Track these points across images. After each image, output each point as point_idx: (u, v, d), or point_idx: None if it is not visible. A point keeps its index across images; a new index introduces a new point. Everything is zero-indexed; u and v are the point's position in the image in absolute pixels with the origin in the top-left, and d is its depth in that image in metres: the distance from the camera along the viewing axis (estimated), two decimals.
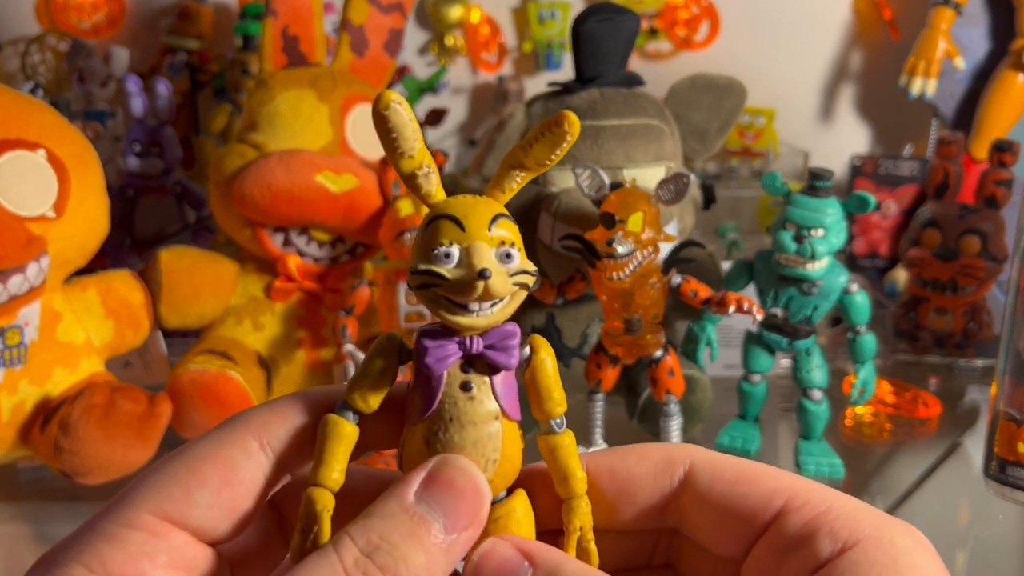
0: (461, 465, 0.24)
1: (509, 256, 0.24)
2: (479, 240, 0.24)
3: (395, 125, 0.23)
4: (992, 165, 0.81)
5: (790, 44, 1.13)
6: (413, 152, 0.24)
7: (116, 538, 0.23)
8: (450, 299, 0.24)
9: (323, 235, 0.69)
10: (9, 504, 0.64)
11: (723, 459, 0.26)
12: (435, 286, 0.24)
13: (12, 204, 0.57)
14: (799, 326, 0.64)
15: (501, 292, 0.24)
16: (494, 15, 1.16)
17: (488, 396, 0.25)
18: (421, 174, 0.25)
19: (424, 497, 0.24)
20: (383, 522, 0.23)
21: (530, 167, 0.25)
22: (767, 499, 0.25)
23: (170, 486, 0.24)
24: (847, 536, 0.23)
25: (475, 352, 0.24)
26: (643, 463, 0.27)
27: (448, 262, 0.24)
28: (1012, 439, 0.56)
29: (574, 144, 0.25)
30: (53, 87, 1.07)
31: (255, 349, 0.70)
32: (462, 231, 0.24)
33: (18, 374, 0.59)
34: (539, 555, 0.25)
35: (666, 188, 0.58)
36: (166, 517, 0.24)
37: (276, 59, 0.73)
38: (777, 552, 0.24)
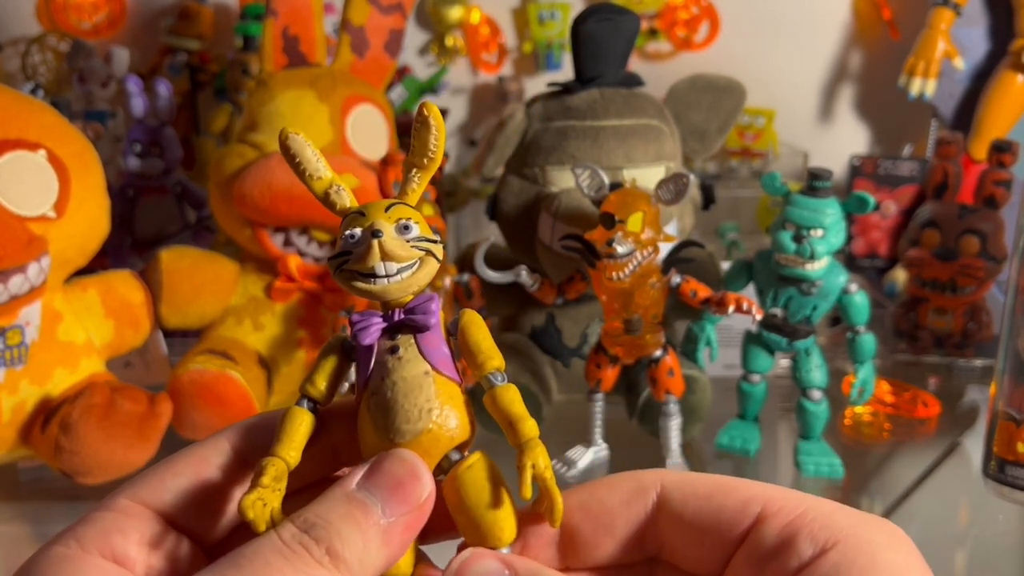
0: (401, 455, 0.26)
1: (407, 227, 0.27)
2: (377, 218, 0.26)
3: (296, 151, 0.27)
4: (991, 165, 0.81)
5: (790, 44, 1.13)
6: (320, 174, 0.28)
7: (92, 519, 0.25)
8: (358, 271, 0.26)
9: (323, 235, 0.69)
10: (9, 504, 0.64)
11: (694, 476, 0.27)
12: (345, 263, 0.26)
13: (13, 204, 0.57)
14: (798, 326, 0.64)
15: (400, 253, 0.26)
16: (494, 15, 1.16)
17: (415, 354, 0.27)
18: (332, 191, 0.28)
19: (365, 484, 0.25)
20: (323, 505, 0.24)
21: (418, 164, 0.28)
22: (742, 508, 0.25)
23: (149, 476, 0.26)
24: (826, 538, 0.23)
25: (397, 320, 0.27)
26: (613, 493, 0.27)
27: (352, 241, 0.27)
28: (1011, 439, 0.56)
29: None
30: (53, 87, 1.07)
31: (255, 349, 0.70)
32: (363, 217, 0.27)
33: (19, 374, 0.59)
34: (519, 565, 0.25)
35: (666, 188, 0.58)
36: (140, 501, 0.26)
37: (276, 59, 0.73)
38: (757, 560, 0.24)
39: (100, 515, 0.25)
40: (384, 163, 0.68)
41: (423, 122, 0.27)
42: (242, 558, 0.23)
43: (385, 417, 0.26)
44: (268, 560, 0.23)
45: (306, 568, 0.23)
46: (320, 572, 0.23)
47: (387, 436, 0.26)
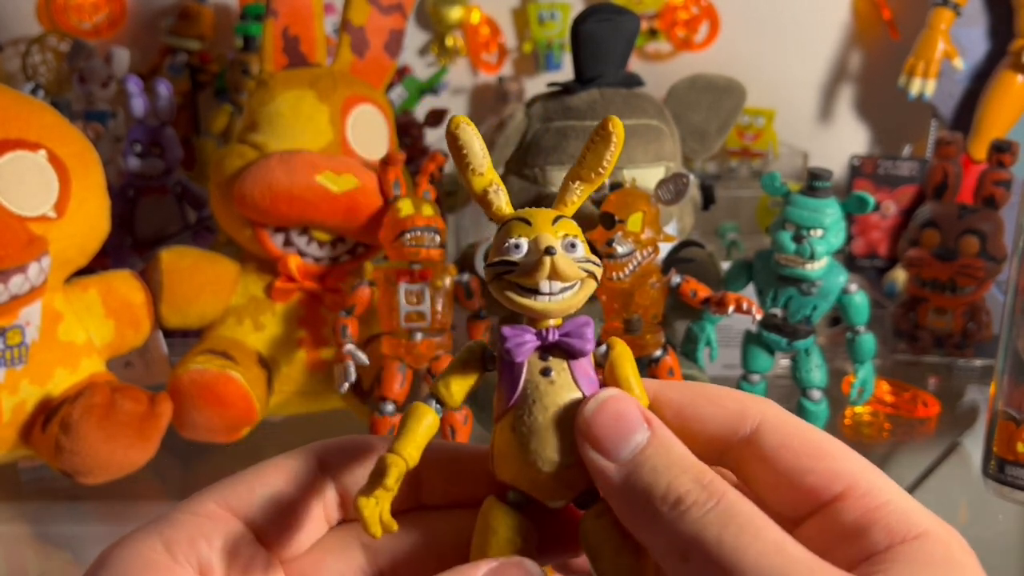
0: (526, 567, 0.24)
1: (574, 246, 0.26)
2: (544, 231, 0.26)
3: (464, 143, 0.26)
4: (991, 165, 0.81)
5: (790, 44, 1.13)
6: (483, 170, 0.27)
7: (178, 522, 0.25)
8: (521, 284, 0.25)
9: (323, 235, 0.69)
10: (10, 504, 0.64)
11: (794, 425, 0.26)
12: (507, 273, 0.25)
13: (13, 204, 0.57)
14: (798, 326, 0.64)
15: (568, 272, 0.25)
16: (494, 16, 1.16)
17: (568, 381, 0.26)
18: (491, 191, 0.27)
19: None
20: None
21: (585, 177, 0.27)
22: (829, 480, 0.24)
23: (237, 482, 0.26)
24: (904, 531, 0.23)
25: (551, 341, 0.26)
26: (712, 408, 0.26)
27: (518, 252, 0.26)
28: (1011, 439, 0.56)
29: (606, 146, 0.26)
30: (54, 87, 1.07)
31: (255, 349, 0.70)
32: (529, 226, 0.26)
33: (19, 374, 0.59)
34: (657, 424, 0.25)
35: (666, 188, 0.58)
36: (228, 507, 0.26)
37: (276, 59, 0.73)
38: (829, 535, 0.24)
39: (188, 518, 0.25)
40: (384, 163, 0.68)
41: (605, 137, 0.26)
42: None
43: (537, 443, 0.25)
44: None
45: None
46: None
47: (535, 463, 0.25)
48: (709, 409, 0.26)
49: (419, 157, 1.00)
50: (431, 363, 0.64)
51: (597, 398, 0.25)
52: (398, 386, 0.64)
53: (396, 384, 0.64)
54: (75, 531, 0.61)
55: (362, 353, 0.63)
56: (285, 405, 0.72)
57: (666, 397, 0.26)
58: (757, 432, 0.26)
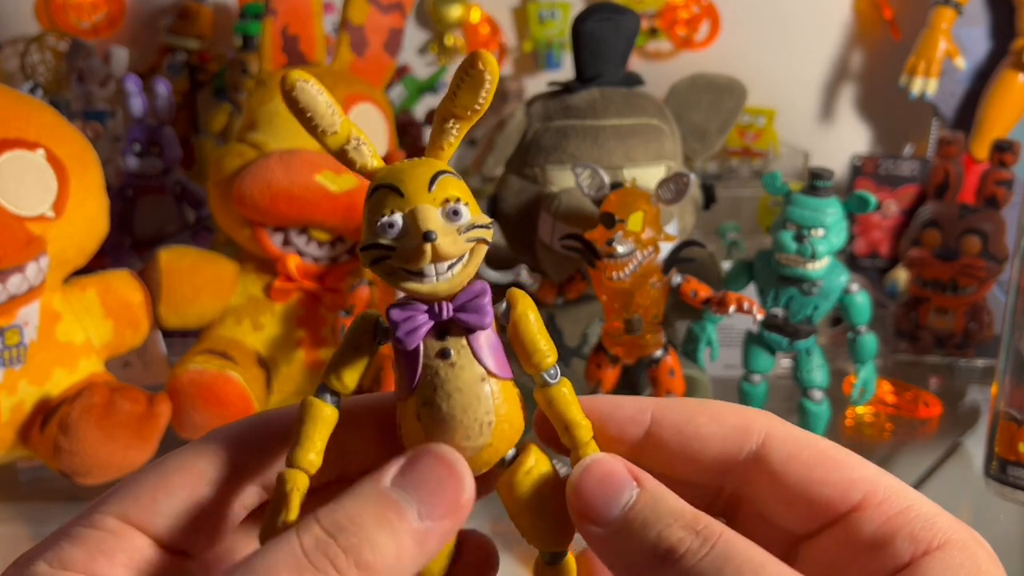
0: (441, 451, 0.23)
1: (456, 213, 0.23)
2: (420, 203, 0.23)
3: (306, 104, 0.23)
4: (992, 165, 0.81)
5: (790, 44, 1.12)
6: (335, 127, 0.23)
7: (77, 537, 0.23)
8: (404, 268, 0.23)
9: (323, 235, 0.69)
10: (9, 504, 0.64)
11: (802, 437, 0.25)
12: (386, 258, 0.23)
13: (11, 204, 0.57)
14: (799, 326, 0.64)
15: (452, 252, 0.23)
16: (494, 15, 1.16)
17: (469, 359, 0.24)
18: (351, 148, 0.24)
19: (400, 483, 0.23)
20: (353, 503, 0.22)
21: (460, 115, 0.24)
22: (845, 490, 0.24)
23: (137, 492, 0.24)
24: (929, 540, 0.22)
25: (446, 318, 0.24)
26: (714, 426, 0.25)
27: (392, 231, 0.23)
28: (1012, 439, 0.56)
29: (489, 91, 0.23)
30: (53, 87, 1.07)
31: (255, 349, 0.70)
32: (401, 197, 0.23)
33: (17, 374, 0.59)
34: (646, 479, 0.24)
35: (666, 188, 0.58)
36: (128, 520, 0.24)
37: (276, 59, 0.73)
38: (849, 547, 0.23)
39: (86, 533, 0.24)
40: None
41: (476, 72, 0.22)
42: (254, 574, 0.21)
43: (442, 432, 0.24)
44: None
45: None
46: None
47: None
48: (711, 427, 0.25)
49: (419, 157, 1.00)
50: None
51: (582, 464, 0.24)
52: None
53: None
54: None
55: None
56: (284, 405, 0.72)
57: (665, 417, 0.26)
58: (763, 447, 0.25)
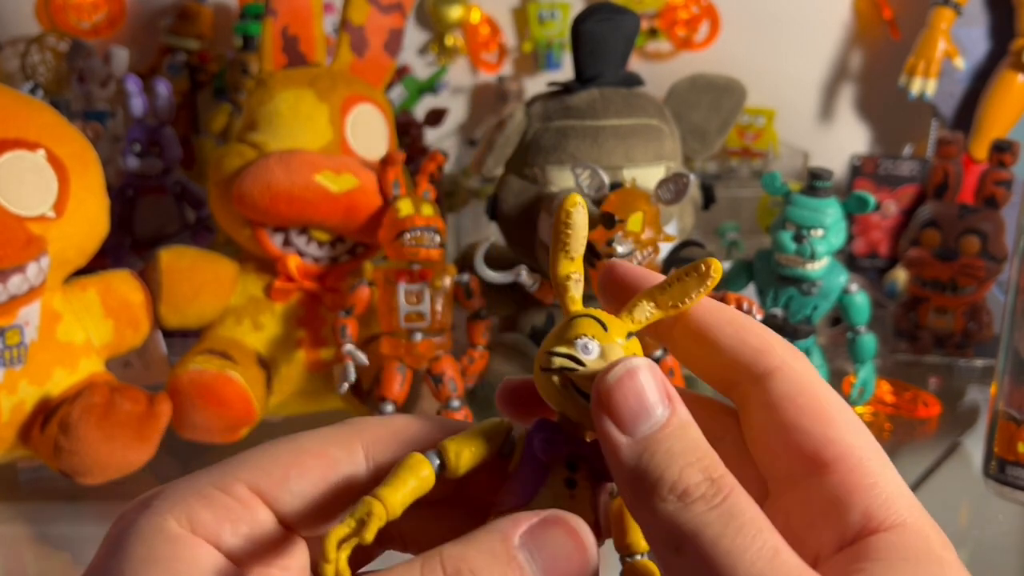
0: (575, 523, 0.23)
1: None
2: (616, 343, 0.24)
3: (574, 225, 0.26)
4: (992, 165, 0.81)
5: (790, 44, 1.12)
6: (575, 255, 0.26)
7: (208, 498, 0.24)
8: (579, 388, 0.24)
9: (323, 235, 0.69)
10: (9, 504, 0.64)
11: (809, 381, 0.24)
12: (571, 370, 0.24)
13: (12, 204, 0.57)
14: (799, 326, 0.64)
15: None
16: (494, 15, 1.16)
17: (586, 504, 0.24)
18: (573, 280, 0.26)
19: (528, 543, 0.22)
20: (479, 555, 0.22)
21: (662, 305, 0.25)
22: (819, 445, 0.23)
23: (271, 465, 0.24)
24: (882, 519, 0.22)
25: (586, 452, 0.24)
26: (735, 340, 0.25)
27: (587, 353, 0.24)
28: (1012, 439, 0.56)
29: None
30: (53, 87, 1.07)
31: (255, 349, 0.70)
32: (604, 330, 0.25)
33: (18, 374, 0.59)
34: (679, 405, 0.23)
35: (666, 188, 0.58)
36: (259, 492, 0.24)
37: (276, 59, 0.73)
38: (807, 509, 0.23)
39: (216, 496, 0.24)
40: (384, 163, 0.68)
41: (702, 277, 0.25)
42: None
43: None
44: None
45: None
46: None
47: None
48: (731, 340, 0.25)
49: (419, 157, 1.00)
50: (430, 363, 0.64)
51: (623, 364, 0.23)
52: (398, 386, 0.64)
53: (396, 384, 0.64)
54: (74, 531, 0.61)
55: (361, 353, 0.63)
56: (284, 405, 0.72)
57: (697, 311, 0.25)
58: (770, 377, 0.25)
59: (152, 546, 0.22)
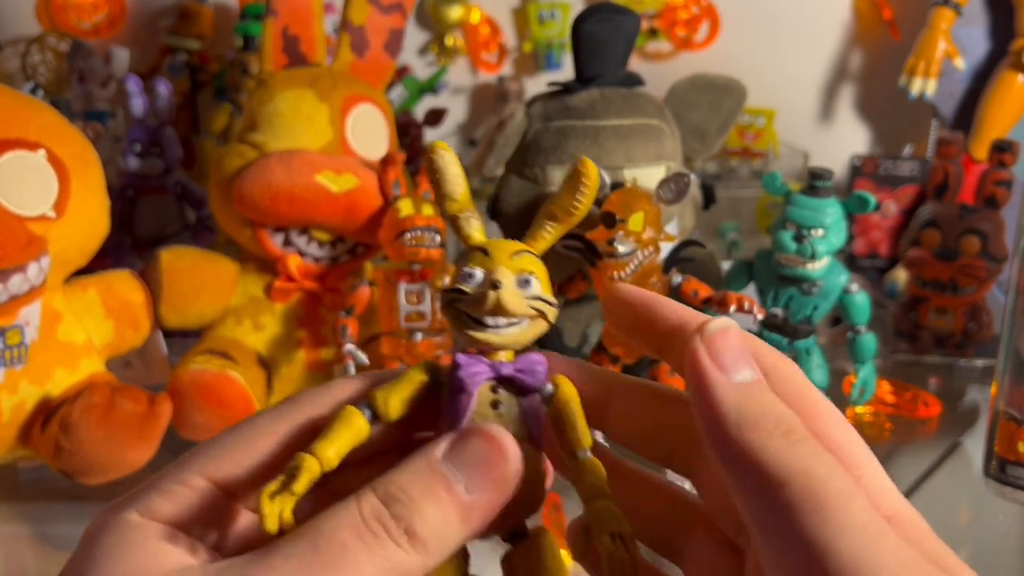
0: (491, 431, 0.25)
1: (527, 282, 0.26)
2: (500, 264, 0.26)
3: (439, 167, 0.27)
4: (992, 165, 0.81)
5: (790, 44, 1.13)
6: (456, 195, 0.27)
7: (167, 492, 0.25)
8: (469, 314, 0.26)
9: (323, 235, 0.69)
10: (9, 504, 0.64)
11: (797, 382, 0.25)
12: (457, 301, 0.26)
13: (12, 204, 0.57)
14: (799, 326, 0.64)
15: (513, 307, 0.25)
16: (494, 15, 1.16)
17: (515, 417, 0.26)
18: (463, 217, 0.27)
19: (450, 456, 0.24)
20: (404, 475, 0.24)
21: (559, 216, 0.27)
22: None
23: (224, 453, 0.26)
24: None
25: (504, 374, 0.26)
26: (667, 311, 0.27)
27: (471, 281, 0.26)
28: (1012, 439, 0.56)
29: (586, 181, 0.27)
30: (53, 87, 1.07)
31: (255, 349, 0.70)
32: (487, 257, 0.26)
33: (18, 374, 0.59)
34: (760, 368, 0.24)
35: (666, 188, 0.58)
36: (214, 480, 0.25)
37: (276, 59, 0.73)
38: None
39: (174, 488, 0.25)
40: (384, 163, 0.68)
41: (576, 176, 0.27)
42: (320, 538, 0.22)
43: None
44: (346, 543, 0.22)
45: (383, 551, 0.22)
46: (397, 554, 0.22)
47: None
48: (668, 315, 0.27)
49: (419, 157, 1.00)
50: None
51: (721, 321, 0.24)
52: None
53: None
54: (75, 531, 0.60)
55: (362, 353, 0.63)
56: None
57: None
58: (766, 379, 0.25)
59: (116, 533, 0.24)
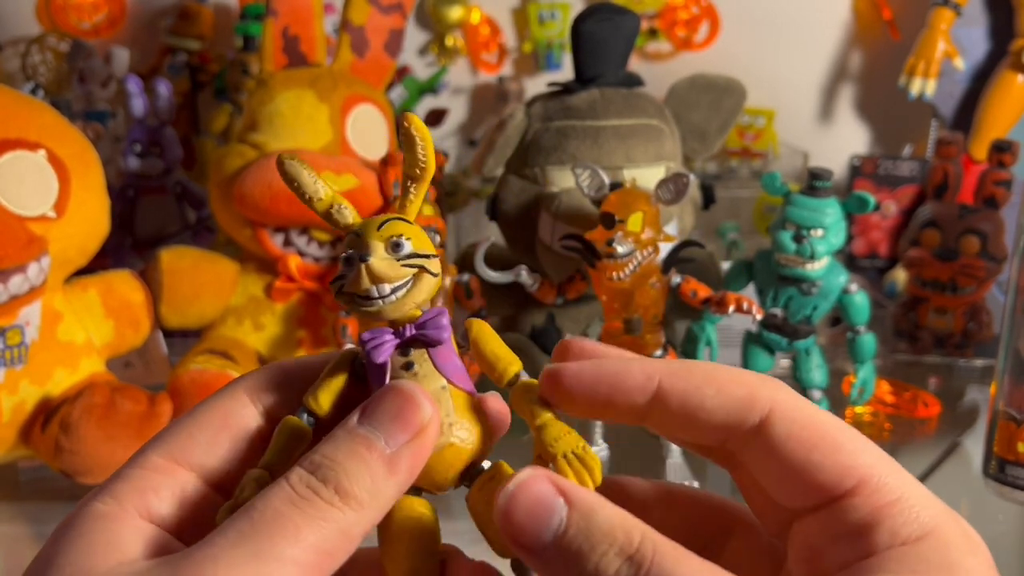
0: (399, 385, 0.26)
1: (398, 246, 0.27)
2: (369, 239, 0.27)
3: (293, 176, 0.28)
4: (991, 165, 0.81)
5: (790, 44, 1.13)
6: (320, 195, 0.28)
7: (127, 477, 0.26)
8: (356, 295, 0.26)
9: (323, 235, 0.69)
10: (9, 504, 0.64)
11: (805, 413, 0.25)
12: (343, 286, 0.27)
13: (13, 204, 0.57)
14: (799, 326, 0.64)
15: (388, 274, 0.26)
16: (494, 15, 1.16)
17: (431, 370, 0.27)
18: (335, 211, 0.28)
19: (365, 420, 0.25)
20: (327, 445, 0.25)
21: (412, 175, 0.28)
22: (840, 476, 0.24)
23: (176, 432, 0.27)
24: (908, 534, 0.23)
25: (408, 336, 0.27)
26: (719, 398, 0.25)
27: (349, 264, 0.27)
28: (1011, 439, 0.56)
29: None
30: (54, 87, 1.07)
31: (255, 349, 0.70)
32: (358, 237, 0.27)
33: (19, 374, 0.59)
34: (575, 494, 0.24)
35: (666, 188, 0.58)
36: (171, 458, 0.26)
37: (276, 59, 0.73)
38: (833, 532, 0.24)
39: (134, 472, 0.26)
40: (384, 163, 0.68)
41: (407, 134, 0.27)
42: (255, 511, 0.23)
43: None
44: (280, 511, 0.23)
45: (317, 512, 0.23)
46: (332, 512, 0.23)
47: None
48: (716, 400, 0.25)
49: None
50: None
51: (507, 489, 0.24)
52: None
53: None
54: None
55: None
56: None
57: (672, 387, 0.26)
58: (766, 421, 0.25)
59: (80, 525, 0.25)
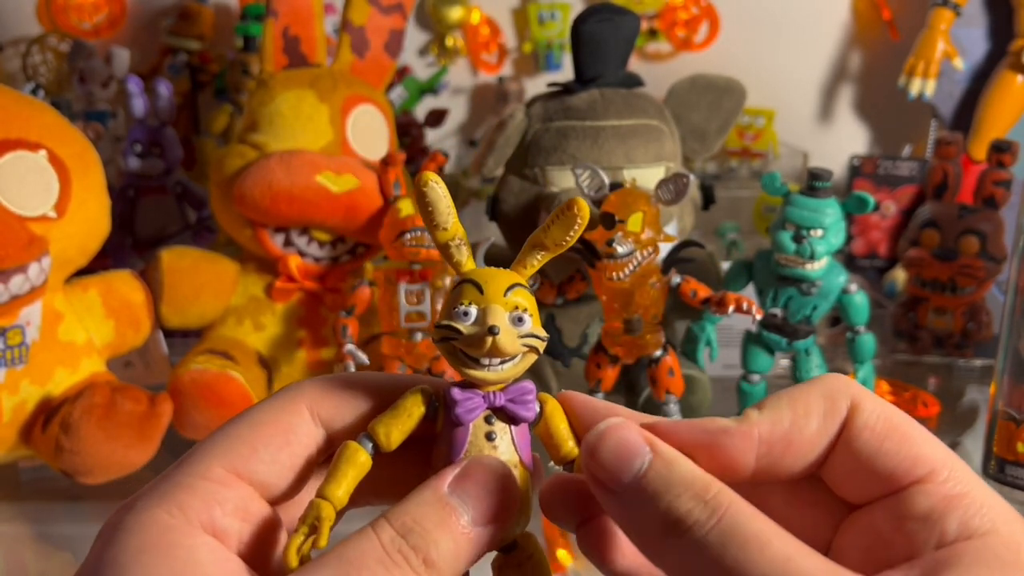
0: (492, 464, 0.26)
1: (521, 320, 0.26)
2: (494, 303, 0.26)
3: (431, 200, 0.27)
4: (991, 165, 0.81)
5: (790, 44, 1.13)
6: (447, 225, 0.27)
7: (191, 487, 0.25)
8: (465, 352, 0.26)
9: (324, 235, 0.70)
10: (10, 504, 0.64)
11: (878, 406, 0.26)
12: (453, 339, 0.26)
13: (13, 204, 0.57)
14: (798, 326, 0.64)
15: (508, 349, 0.26)
16: (494, 16, 1.16)
17: (509, 446, 0.27)
18: (454, 245, 0.27)
19: (456, 490, 0.26)
20: (417, 508, 0.25)
21: (549, 247, 0.28)
22: (911, 465, 0.24)
23: (237, 444, 0.26)
24: (977, 526, 0.23)
25: (498, 405, 0.27)
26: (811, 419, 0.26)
27: (466, 319, 0.26)
28: (1011, 439, 0.56)
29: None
30: (54, 88, 1.07)
31: (256, 349, 0.70)
32: (481, 294, 0.27)
33: (19, 374, 0.59)
34: (660, 445, 0.25)
35: (666, 188, 0.58)
36: (234, 470, 0.26)
37: (277, 60, 0.73)
38: (900, 518, 0.24)
39: (199, 483, 0.25)
40: (384, 163, 0.68)
41: (571, 217, 0.27)
42: (348, 565, 0.24)
43: None
44: (372, 571, 0.24)
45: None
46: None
47: None
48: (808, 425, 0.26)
49: (419, 157, 1.00)
50: (431, 363, 0.64)
51: (597, 429, 0.25)
52: None
53: None
54: (75, 531, 0.61)
55: (362, 353, 0.63)
56: None
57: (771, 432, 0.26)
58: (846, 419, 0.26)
59: (146, 537, 0.24)
